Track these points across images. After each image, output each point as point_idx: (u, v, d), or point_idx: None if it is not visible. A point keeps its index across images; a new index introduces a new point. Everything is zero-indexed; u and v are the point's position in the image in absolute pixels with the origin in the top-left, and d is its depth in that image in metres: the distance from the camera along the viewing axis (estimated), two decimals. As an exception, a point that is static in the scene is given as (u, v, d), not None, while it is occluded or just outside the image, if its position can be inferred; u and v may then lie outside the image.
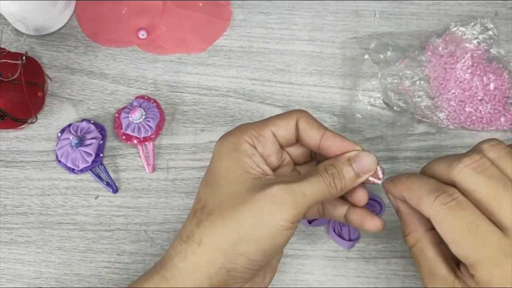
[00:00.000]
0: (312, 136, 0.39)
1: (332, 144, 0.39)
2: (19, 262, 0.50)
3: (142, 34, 0.55)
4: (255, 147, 0.39)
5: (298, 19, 0.56)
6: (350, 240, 0.49)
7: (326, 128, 0.39)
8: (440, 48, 0.53)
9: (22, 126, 0.52)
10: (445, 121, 0.52)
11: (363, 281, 0.49)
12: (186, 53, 0.55)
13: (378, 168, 0.39)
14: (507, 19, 0.55)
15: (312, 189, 0.36)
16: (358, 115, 0.53)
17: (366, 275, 0.50)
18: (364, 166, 0.38)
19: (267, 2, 0.56)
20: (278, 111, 0.53)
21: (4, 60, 0.49)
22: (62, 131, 0.52)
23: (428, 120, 0.52)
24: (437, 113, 0.52)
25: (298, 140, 0.40)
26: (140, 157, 0.52)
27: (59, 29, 0.55)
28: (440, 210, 0.35)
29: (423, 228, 0.38)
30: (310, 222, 0.49)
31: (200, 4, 0.56)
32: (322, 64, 0.54)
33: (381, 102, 0.53)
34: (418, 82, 0.53)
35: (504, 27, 0.55)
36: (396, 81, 0.53)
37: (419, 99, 0.52)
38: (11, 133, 0.53)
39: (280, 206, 0.35)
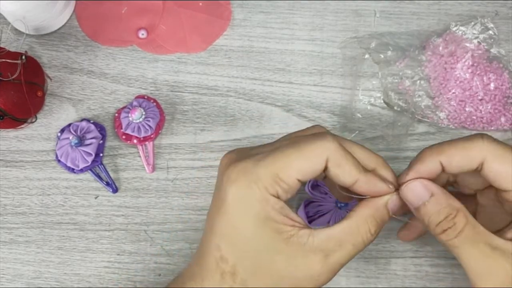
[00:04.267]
0: (343, 181, 0.36)
1: (366, 192, 0.36)
2: (19, 262, 0.50)
3: (142, 34, 0.55)
4: (279, 197, 0.35)
5: (298, 18, 0.56)
6: (350, 240, 0.49)
7: (359, 171, 0.36)
8: (440, 48, 0.53)
9: (22, 126, 0.52)
10: (445, 120, 0.52)
11: (363, 281, 0.49)
12: (186, 52, 0.55)
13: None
14: (507, 18, 0.55)
15: (349, 256, 0.36)
16: (358, 114, 0.53)
17: (366, 275, 0.49)
18: (395, 208, 0.37)
19: (267, 1, 0.56)
20: (278, 110, 0.53)
21: (3, 60, 0.48)
22: (62, 130, 0.52)
23: (428, 120, 0.52)
24: (437, 112, 0.52)
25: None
26: (140, 157, 0.52)
27: (59, 28, 0.55)
28: (495, 144, 0.35)
29: (463, 205, 0.37)
30: (310, 222, 0.49)
31: (200, 4, 0.56)
32: (322, 63, 0.54)
33: (382, 101, 0.53)
34: (418, 81, 0.53)
35: (504, 26, 0.55)
36: (396, 80, 0.53)
37: (419, 99, 0.52)
38: (11, 133, 0.53)
39: (319, 282, 0.35)
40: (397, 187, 0.38)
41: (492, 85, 0.52)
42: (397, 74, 0.53)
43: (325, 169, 0.36)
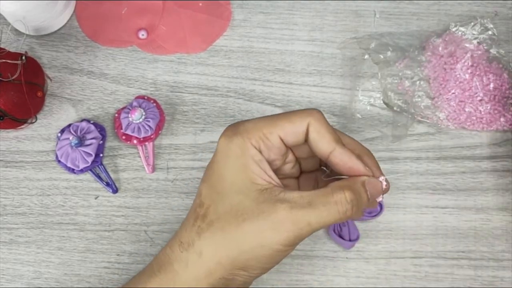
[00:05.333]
0: (320, 149, 0.37)
1: (340, 164, 0.37)
2: (19, 262, 0.50)
3: (142, 34, 0.55)
4: (261, 152, 0.37)
5: (298, 19, 0.56)
6: (350, 240, 0.49)
7: (337, 141, 0.37)
8: (440, 48, 0.53)
9: (22, 126, 0.52)
10: (445, 121, 0.52)
11: (363, 281, 0.49)
12: (186, 53, 0.55)
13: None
14: (507, 19, 0.55)
15: (320, 218, 0.35)
16: (358, 115, 0.53)
17: (366, 275, 0.50)
18: (374, 194, 0.37)
19: (267, 2, 0.56)
20: (278, 111, 0.53)
21: (4, 60, 0.49)
22: (62, 131, 0.52)
23: (428, 121, 0.52)
24: (437, 113, 0.52)
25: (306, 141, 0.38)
26: (140, 157, 0.52)
27: (59, 29, 0.55)
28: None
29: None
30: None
31: (200, 4, 0.56)
32: (322, 64, 0.54)
33: (381, 102, 0.53)
34: (418, 82, 0.53)
35: (504, 27, 0.55)
36: (396, 81, 0.53)
37: (419, 99, 0.52)
38: (11, 133, 0.53)
39: (281, 233, 0.35)
40: (378, 176, 0.38)
41: (491, 86, 0.52)
42: (396, 74, 0.53)
43: (307, 136, 0.37)
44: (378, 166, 0.39)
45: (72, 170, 0.51)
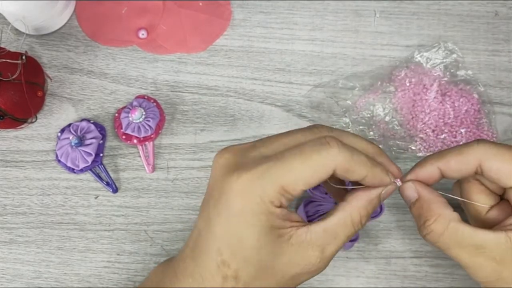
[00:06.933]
0: (351, 179, 0.37)
1: (370, 185, 0.37)
2: (19, 262, 0.50)
3: (142, 34, 0.55)
4: (282, 206, 0.35)
5: (298, 18, 0.56)
6: (349, 240, 0.49)
7: (367, 166, 0.36)
8: (406, 80, 0.52)
9: (22, 126, 0.52)
10: (423, 150, 0.51)
11: (363, 281, 0.49)
12: (186, 52, 0.55)
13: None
14: (507, 18, 0.55)
15: (340, 246, 0.37)
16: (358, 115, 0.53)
17: (366, 275, 0.50)
18: (386, 198, 0.38)
19: (267, 1, 0.56)
20: (278, 110, 0.53)
21: (4, 60, 0.49)
22: (62, 130, 0.52)
23: (405, 153, 0.51)
24: (412, 143, 0.51)
25: None
26: (140, 157, 0.52)
27: (59, 28, 0.55)
28: (490, 145, 0.36)
29: (450, 209, 0.37)
30: (309, 221, 0.49)
31: (200, 4, 0.56)
32: (322, 63, 0.54)
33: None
34: (390, 116, 0.52)
35: (504, 26, 0.55)
36: (368, 115, 0.52)
37: (393, 132, 0.51)
38: (11, 133, 0.53)
39: (316, 272, 0.37)
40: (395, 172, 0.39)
41: (463, 109, 0.51)
42: (367, 109, 0.52)
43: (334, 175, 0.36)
44: (391, 161, 0.39)
45: (72, 170, 0.51)
